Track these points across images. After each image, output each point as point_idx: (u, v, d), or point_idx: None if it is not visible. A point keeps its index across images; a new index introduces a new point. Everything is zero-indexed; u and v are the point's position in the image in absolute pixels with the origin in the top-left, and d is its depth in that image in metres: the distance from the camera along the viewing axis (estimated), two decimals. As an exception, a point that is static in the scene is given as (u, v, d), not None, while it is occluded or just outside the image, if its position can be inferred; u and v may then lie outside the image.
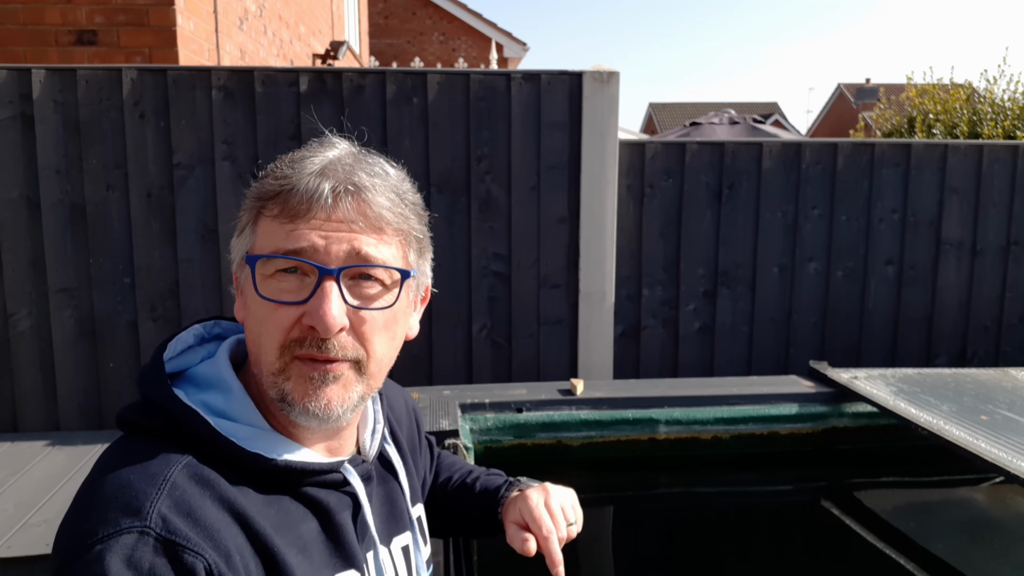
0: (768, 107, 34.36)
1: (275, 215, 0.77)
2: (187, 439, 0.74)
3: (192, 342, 0.86)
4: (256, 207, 0.79)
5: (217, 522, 0.69)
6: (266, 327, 0.76)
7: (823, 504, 2.73)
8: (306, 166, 0.78)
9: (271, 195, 0.78)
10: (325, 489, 0.81)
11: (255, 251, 0.78)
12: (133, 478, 0.69)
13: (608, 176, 3.49)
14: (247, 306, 0.80)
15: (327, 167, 0.78)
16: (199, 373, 0.82)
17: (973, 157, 3.93)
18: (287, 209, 0.76)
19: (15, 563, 2.20)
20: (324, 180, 0.76)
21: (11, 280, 3.20)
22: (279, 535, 0.74)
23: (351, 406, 0.79)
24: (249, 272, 0.78)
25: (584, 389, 2.76)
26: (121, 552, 0.63)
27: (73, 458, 2.93)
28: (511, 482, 1.10)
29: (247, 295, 0.80)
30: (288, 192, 0.77)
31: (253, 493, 0.74)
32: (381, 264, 0.78)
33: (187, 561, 0.65)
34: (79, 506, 0.69)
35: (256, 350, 0.78)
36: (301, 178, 0.77)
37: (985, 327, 4.04)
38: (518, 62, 15.01)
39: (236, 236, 0.83)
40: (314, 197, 0.75)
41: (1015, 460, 2.03)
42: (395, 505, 0.94)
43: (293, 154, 0.81)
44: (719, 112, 6.97)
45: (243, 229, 0.81)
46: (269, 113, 3.28)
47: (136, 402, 0.78)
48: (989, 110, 8.56)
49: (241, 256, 0.81)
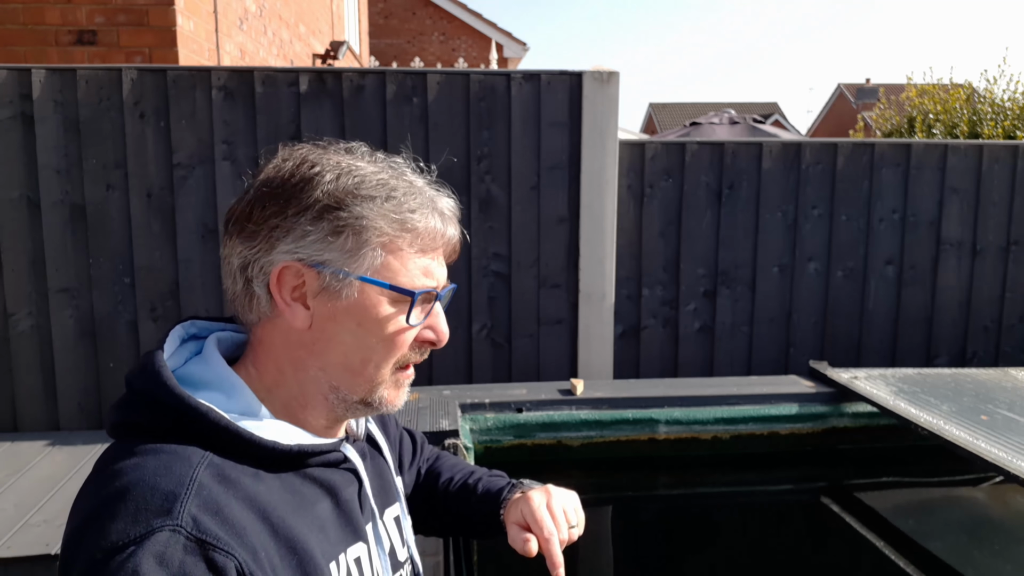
0: (768, 107, 34.35)
1: (417, 250, 0.84)
2: (199, 436, 0.74)
3: (177, 344, 0.87)
4: (391, 235, 0.82)
5: (243, 520, 0.70)
6: (388, 346, 0.84)
7: (823, 504, 2.73)
8: (422, 200, 0.84)
9: (405, 228, 0.82)
10: (330, 468, 0.85)
11: (400, 281, 0.82)
12: (160, 480, 0.69)
13: (608, 176, 3.49)
14: (353, 326, 0.82)
15: (442, 207, 0.87)
16: (190, 373, 0.82)
17: (973, 157, 3.93)
18: (425, 246, 0.84)
19: (15, 563, 2.20)
20: (448, 224, 0.87)
21: (11, 280, 3.20)
22: (299, 519, 0.77)
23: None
24: (383, 296, 0.82)
25: (584, 389, 2.76)
26: (153, 551, 0.64)
27: (73, 458, 2.93)
28: (513, 484, 1.11)
29: (357, 314, 0.81)
30: (424, 231, 0.84)
31: (271, 483, 0.77)
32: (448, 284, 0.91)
33: (219, 561, 0.66)
34: (99, 508, 0.68)
35: (356, 366, 0.83)
36: (426, 214, 0.84)
37: (985, 327, 4.04)
38: (518, 62, 15.01)
39: (337, 248, 0.80)
40: (444, 239, 0.87)
41: (1015, 460, 2.03)
42: (384, 478, 0.98)
43: (409, 180, 0.86)
44: (719, 112, 6.97)
45: (360, 249, 0.80)
46: (269, 113, 3.28)
47: (128, 406, 0.77)
48: (989, 110, 8.56)
49: (357, 273, 0.80)
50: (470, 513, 1.12)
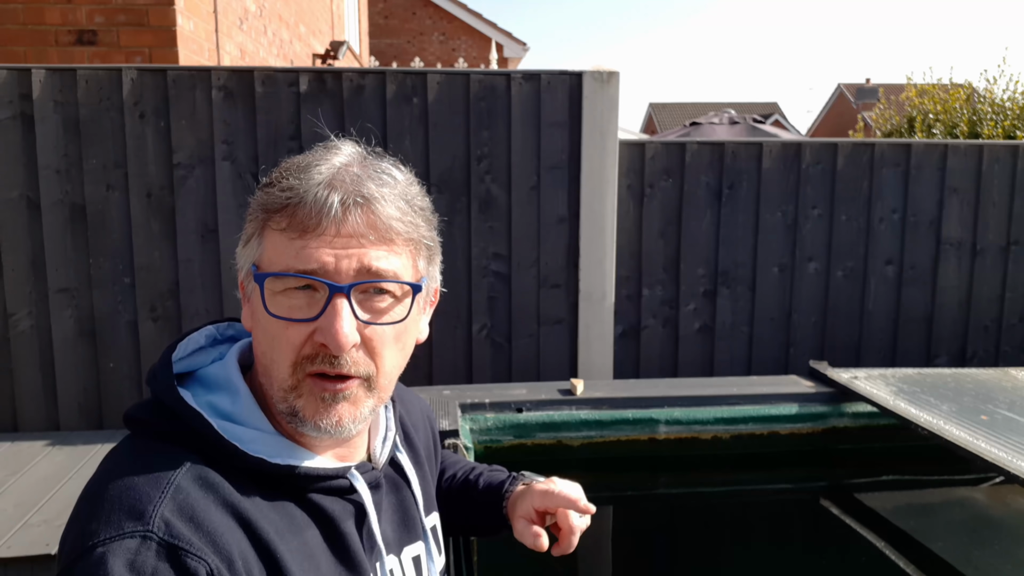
0: (768, 107, 34.33)
1: (283, 228, 0.75)
2: (194, 440, 0.74)
3: (204, 343, 0.86)
4: (263, 218, 0.77)
5: (220, 526, 0.69)
6: (278, 344, 0.75)
7: (823, 504, 2.73)
8: (313, 176, 0.76)
9: (278, 207, 0.76)
10: (331, 496, 0.80)
11: (264, 266, 0.76)
12: (138, 480, 0.69)
13: (608, 176, 3.49)
14: (256, 319, 0.79)
15: (335, 177, 0.76)
16: (209, 374, 0.81)
17: (973, 157, 3.93)
18: (295, 223, 0.74)
19: (15, 563, 2.20)
20: (333, 192, 0.74)
21: (11, 280, 3.20)
22: (284, 540, 0.73)
23: (361, 419, 0.79)
24: (257, 287, 0.76)
25: (584, 389, 2.76)
26: (123, 556, 0.63)
27: (73, 458, 2.93)
28: (515, 476, 1.10)
29: (256, 309, 0.78)
30: (296, 205, 0.74)
31: (258, 497, 0.74)
32: (392, 279, 0.77)
33: (190, 565, 0.64)
34: (85, 507, 0.69)
35: (267, 363, 0.77)
36: (309, 189, 0.74)
37: (985, 327, 4.04)
38: (518, 62, 15.01)
39: (242, 246, 0.81)
40: (324, 211, 0.73)
41: (1015, 460, 2.03)
42: (407, 514, 0.92)
43: (298, 160, 0.79)
44: (719, 112, 6.97)
45: (249, 239, 0.79)
46: (269, 113, 3.28)
47: (145, 401, 0.78)
48: (989, 110, 8.56)
49: (248, 267, 0.79)
50: (473, 509, 1.11)
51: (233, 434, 0.75)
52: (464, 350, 3.54)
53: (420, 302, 0.83)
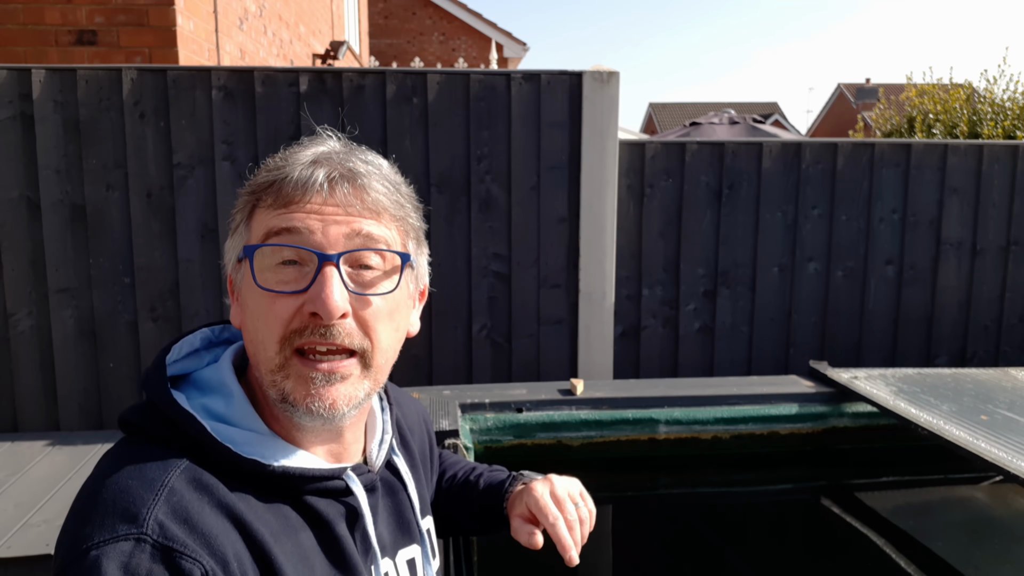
0: (768, 107, 34.35)
1: (269, 204, 0.76)
2: (188, 443, 0.73)
3: (199, 345, 0.86)
4: (250, 202, 0.79)
5: (215, 528, 0.68)
6: (265, 320, 0.74)
7: (823, 504, 2.73)
8: (299, 157, 0.78)
9: (264, 186, 0.77)
10: (325, 498, 0.80)
11: (252, 243, 0.77)
12: (132, 483, 0.69)
13: (608, 176, 3.49)
14: (244, 305, 0.79)
15: (320, 157, 0.78)
16: (203, 377, 0.81)
17: (973, 157, 3.93)
18: (282, 197, 0.76)
19: (15, 563, 2.20)
20: (318, 168, 0.76)
21: (11, 280, 3.20)
22: (279, 542, 0.73)
23: (356, 403, 0.78)
24: (247, 267, 0.76)
25: (584, 389, 2.76)
26: (118, 559, 0.63)
27: (73, 458, 2.93)
28: (515, 476, 1.10)
29: (244, 293, 0.78)
30: (282, 181, 0.76)
31: (253, 499, 0.74)
32: (383, 245, 0.77)
33: (184, 567, 0.64)
34: (79, 509, 0.69)
35: (255, 349, 0.77)
36: (294, 167, 0.77)
37: (985, 327, 4.04)
38: (518, 62, 15.01)
39: (230, 237, 0.81)
40: (308, 183, 0.75)
41: (1015, 460, 2.03)
42: (403, 516, 0.93)
43: (285, 150, 0.81)
44: (719, 112, 6.97)
45: (237, 227, 0.80)
46: (269, 113, 3.28)
47: (139, 404, 0.78)
48: (989, 110, 8.56)
49: (236, 254, 0.80)
50: (473, 509, 1.11)
51: (227, 436, 0.74)
52: (464, 350, 3.54)
53: (410, 284, 0.83)
